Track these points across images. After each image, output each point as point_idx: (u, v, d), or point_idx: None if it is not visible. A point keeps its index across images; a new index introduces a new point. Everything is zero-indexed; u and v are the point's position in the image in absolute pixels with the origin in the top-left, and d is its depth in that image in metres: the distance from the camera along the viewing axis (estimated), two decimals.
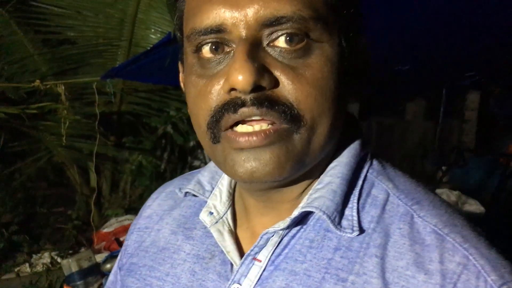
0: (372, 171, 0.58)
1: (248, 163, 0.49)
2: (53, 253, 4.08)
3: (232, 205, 0.64)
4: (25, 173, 4.59)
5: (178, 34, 0.57)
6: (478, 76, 4.20)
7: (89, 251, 3.03)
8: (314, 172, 0.56)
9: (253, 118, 0.49)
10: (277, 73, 0.48)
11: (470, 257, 0.48)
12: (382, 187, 0.56)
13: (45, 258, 4.12)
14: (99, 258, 2.93)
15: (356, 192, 0.56)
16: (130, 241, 0.72)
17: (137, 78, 3.48)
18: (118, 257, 0.75)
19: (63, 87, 3.08)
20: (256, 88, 0.47)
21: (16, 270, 3.98)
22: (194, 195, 0.65)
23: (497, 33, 2.59)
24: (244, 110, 0.48)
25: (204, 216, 0.61)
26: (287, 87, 0.48)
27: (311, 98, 0.49)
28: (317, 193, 0.54)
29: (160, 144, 4.81)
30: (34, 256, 4.22)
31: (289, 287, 0.52)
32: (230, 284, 0.56)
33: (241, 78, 0.46)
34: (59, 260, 3.84)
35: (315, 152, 0.52)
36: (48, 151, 3.93)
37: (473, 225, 0.53)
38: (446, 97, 6.39)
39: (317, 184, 0.55)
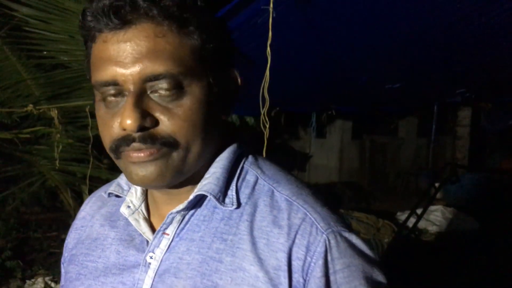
0: (248, 163, 0.78)
1: (140, 173, 0.67)
2: (47, 278, 4.03)
3: (146, 199, 0.81)
4: (19, 198, 4.56)
5: (88, 77, 0.73)
6: (468, 93, 4.25)
7: None
8: (200, 171, 0.74)
9: (141, 149, 0.65)
10: (157, 114, 0.65)
11: (308, 214, 0.70)
12: (253, 173, 0.76)
13: (39, 283, 4.06)
14: None
15: (235, 178, 0.75)
16: (70, 239, 0.89)
17: None
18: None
19: (56, 111, 3.08)
20: (142, 128, 0.64)
21: None
22: (117, 196, 0.83)
23: (487, 50, 2.63)
24: (134, 145, 0.66)
25: (123, 209, 0.79)
26: (165, 123, 0.65)
27: (184, 130, 0.66)
28: (206, 181, 0.73)
29: None
30: (27, 281, 4.16)
31: (189, 250, 0.71)
32: (146, 254, 0.74)
33: (129, 122, 0.63)
34: (53, 285, 3.80)
35: (190, 165, 0.70)
36: (41, 175, 3.91)
37: (316, 195, 0.75)
38: (437, 114, 6.44)
39: (206, 175, 0.74)
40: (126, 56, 0.64)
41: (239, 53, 2.39)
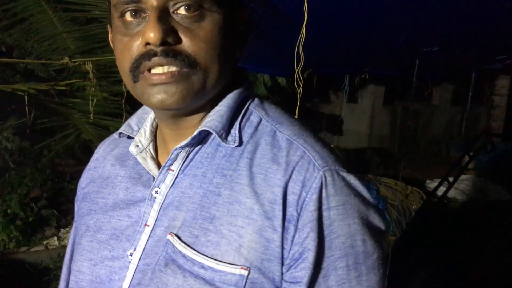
0: (253, 104, 0.80)
1: (159, 95, 0.68)
2: None
3: (154, 140, 0.84)
4: (54, 150, 4.68)
5: (107, 3, 0.74)
6: (509, 60, 4.09)
7: None
8: (208, 105, 0.76)
9: (163, 64, 0.67)
10: (179, 33, 0.67)
11: (306, 152, 0.71)
12: (257, 114, 0.78)
13: None
14: None
15: (239, 118, 0.77)
16: (83, 178, 0.93)
17: None
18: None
19: (91, 65, 3.12)
20: (164, 43, 0.65)
21: (44, 243, 4.11)
22: (128, 137, 0.86)
23: None
24: (155, 59, 0.66)
25: (132, 148, 0.82)
26: (186, 43, 0.67)
27: (204, 51, 0.68)
28: (209, 117, 0.75)
29: None
30: (62, 230, 4.35)
31: (192, 185, 0.74)
32: (151, 189, 0.76)
33: (153, 35, 0.64)
34: None
35: (208, 89, 0.71)
36: (76, 128, 4.00)
37: (317, 136, 0.77)
38: (475, 82, 6.25)
39: (210, 112, 0.76)
40: None
41: (274, 10, 2.35)
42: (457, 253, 3.98)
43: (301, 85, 1.99)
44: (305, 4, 1.70)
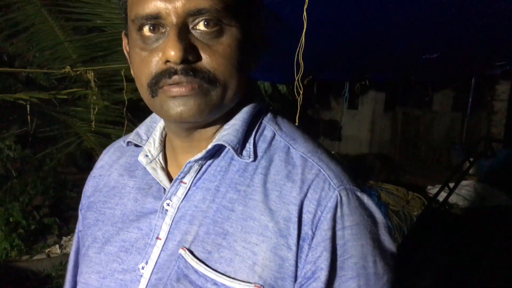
0: (266, 118, 0.79)
1: (178, 108, 0.67)
2: None
3: (164, 149, 0.83)
4: (56, 158, 4.70)
5: (123, 15, 0.74)
6: (509, 65, 4.10)
7: None
8: (222, 118, 0.75)
9: (182, 82, 0.66)
10: (199, 49, 0.66)
11: (321, 170, 0.71)
12: (271, 129, 0.78)
13: None
14: None
15: (253, 132, 0.77)
16: (88, 186, 0.92)
17: None
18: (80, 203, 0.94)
19: (92, 74, 3.14)
20: (184, 61, 0.65)
21: (46, 251, 4.11)
22: (136, 145, 0.84)
23: None
24: (175, 77, 0.66)
25: (141, 158, 0.81)
26: (206, 60, 0.67)
27: (223, 67, 0.68)
28: (225, 131, 0.74)
29: None
30: (64, 238, 4.35)
31: (205, 198, 0.73)
32: (163, 201, 0.75)
33: (173, 53, 0.63)
34: None
35: (226, 103, 0.71)
36: (77, 136, 4.02)
37: (330, 154, 0.76)
38: (475, 87, 6.25)
39: (225, 126, 0.75)
40: None
41: (274, 17, 2.37)
42: (458, 258, 3.98)
43: (301, 92, 2.01)
44: (304, 13, 1.71)
